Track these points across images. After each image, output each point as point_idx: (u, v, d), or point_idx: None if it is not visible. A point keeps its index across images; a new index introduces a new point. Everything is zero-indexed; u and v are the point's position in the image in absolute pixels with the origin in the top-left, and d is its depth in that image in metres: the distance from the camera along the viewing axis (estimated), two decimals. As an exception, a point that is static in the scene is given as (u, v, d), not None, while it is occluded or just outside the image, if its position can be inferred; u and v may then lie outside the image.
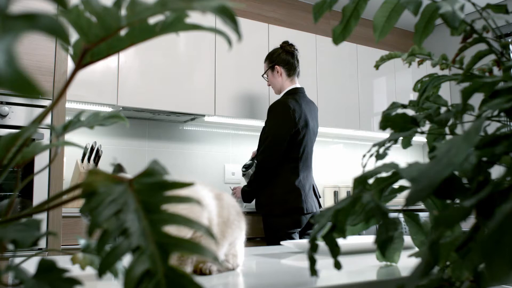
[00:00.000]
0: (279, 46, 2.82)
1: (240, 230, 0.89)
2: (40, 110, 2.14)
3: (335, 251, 0.57)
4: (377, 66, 0.93)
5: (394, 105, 0.91)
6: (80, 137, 2.93)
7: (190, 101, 3.04)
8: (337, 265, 0.56)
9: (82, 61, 0.46)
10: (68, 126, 0.59)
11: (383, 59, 0.91)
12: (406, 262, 0.89)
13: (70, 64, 2.34)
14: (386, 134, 3.35)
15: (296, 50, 2.80)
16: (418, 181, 0.46)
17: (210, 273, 0.81)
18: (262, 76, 2.90)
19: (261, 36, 3.41)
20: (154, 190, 0.42)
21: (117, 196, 0.41)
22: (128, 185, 0.42)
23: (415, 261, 0.84)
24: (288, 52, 2.76)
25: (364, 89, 3.96)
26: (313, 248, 0.53)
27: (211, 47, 3.16)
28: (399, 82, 4.17)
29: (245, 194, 2.70)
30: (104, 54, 0.48)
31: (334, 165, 4.15)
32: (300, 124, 2.60)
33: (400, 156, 4.30)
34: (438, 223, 0.39)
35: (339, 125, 3.77)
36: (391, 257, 0.91)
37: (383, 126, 0.74)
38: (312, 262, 0.53)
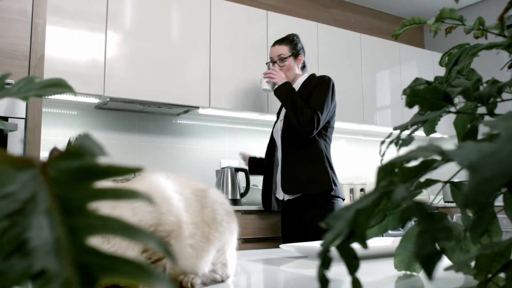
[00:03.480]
0: (297, 35, 2.57)
1: (230, 234, 0.74)
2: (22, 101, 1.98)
3: (353, 266, 0.41)
4: (396, 36, 0.79)
5: (418, 82, 0.76)
6: (63, 130, 2.78)
7: (183, 92, 2.89)
8: (357, 285, 0.41)
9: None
10: (-14, 95, 0.43)
11: (404, 25, 0.76)
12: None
13: (48, 48, 2.16)
14: (390, 129, 3.19)
15: None
16: (481, 168, 0.31)
17: (192, 287, 0.66)
18: (279, 59, 2.48)
19: (259, 23, 3.26)
20: (79, 180, 0.27)
21: (18, 187, 0.26)
22: (40, 172, 0.27)
23: (443, 272, 0.69)
24: None
25: (368, 81, 3.83)
26: (325, 264, 0.37)
27: (205, 34, 3.02)
28: (404, 75, 4.03)
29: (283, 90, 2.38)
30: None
31: (337, 162, 4.00)
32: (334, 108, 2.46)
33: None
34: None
35: (342, 118, 3.61)
36: (412, 266, 0.77)
37: (410, 103, 0.58)
38: (324, 283, 0.38)
